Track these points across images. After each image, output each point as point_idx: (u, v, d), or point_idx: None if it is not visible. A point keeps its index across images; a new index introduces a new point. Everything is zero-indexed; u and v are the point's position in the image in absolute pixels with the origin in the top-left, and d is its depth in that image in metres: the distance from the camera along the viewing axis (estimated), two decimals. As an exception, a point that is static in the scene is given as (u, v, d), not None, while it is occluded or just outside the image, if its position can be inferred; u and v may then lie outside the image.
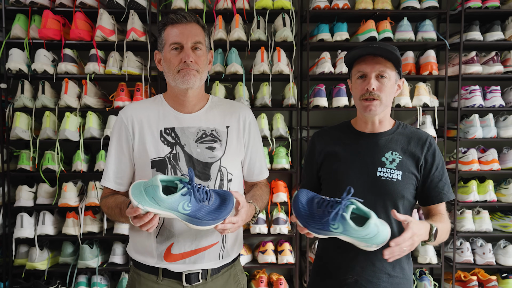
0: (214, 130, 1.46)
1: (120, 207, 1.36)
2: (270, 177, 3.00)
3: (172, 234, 1.40)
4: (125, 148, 1.45)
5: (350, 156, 1.46)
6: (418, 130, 1.50)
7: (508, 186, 2.88)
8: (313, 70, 2.93)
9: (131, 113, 1.46)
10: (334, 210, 1.19)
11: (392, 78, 1.41)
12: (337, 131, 1.55)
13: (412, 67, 2.88)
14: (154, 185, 1.15)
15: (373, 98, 1.39)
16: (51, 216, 2.74)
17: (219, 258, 1.45)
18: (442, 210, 1.47)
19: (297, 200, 1.27)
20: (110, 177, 1.46)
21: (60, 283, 2.75)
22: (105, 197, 1.47)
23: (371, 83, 1.38)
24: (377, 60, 1.39)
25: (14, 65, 2.68)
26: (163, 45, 1.44)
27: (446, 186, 1.45)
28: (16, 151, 2.82)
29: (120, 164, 1.46)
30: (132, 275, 1.50)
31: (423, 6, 2.84)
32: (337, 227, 1.20)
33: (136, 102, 1.53)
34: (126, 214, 1.22)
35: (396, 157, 1.43)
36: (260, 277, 2.83)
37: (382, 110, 1.43)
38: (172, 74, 1.41)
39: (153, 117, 1.45)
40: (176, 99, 1.47)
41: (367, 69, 1.40)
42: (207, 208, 1.22)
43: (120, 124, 1.46)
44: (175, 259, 1.41)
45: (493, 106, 2.90)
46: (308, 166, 1.57)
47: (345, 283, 1.43)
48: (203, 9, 2.76)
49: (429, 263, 2.85)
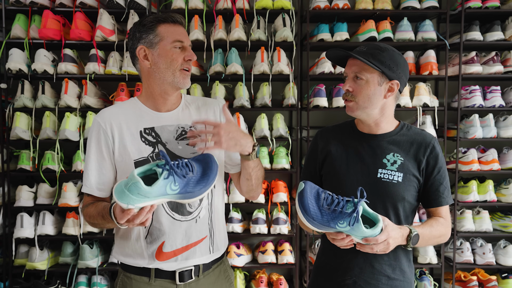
0: (192, 126, 1.47)
1: (102, 214, 1.33)
2: (270, 177, 3.04)
3: (162, 232, 1.40)
4: (105, 152, 1.42)
5: (352, 156, 1.46)
6: (422, 132, 1.48)
7: (508, 186, 2.88)
8: (313, 70, 2.93)
9: (109, 117, 1.43)
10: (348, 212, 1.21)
11: (371, 80, 1.38)
12: (340, 130, 1.55)
13: (412, 67, 2.88)
14: (134, 182, 1.13)
15: (350, 99, 1.42)
16: (51, 216, 2.74)
17: (210, 252, 1.47)
18: (442, 213, 1.46)
19: (304, 193, 1.27)
20: (92, 183, 1.42)
21: (60, 283, 2.75)
22: (85, 207, 1.43)
23: (345, 84, 1.42)
24: (355, 62, 1.40)
25: (14, 65, 2.68)
26: (157, 41, 1.40)
27: (446, 191, 1.45)
28: (16, 151, 2.82)
29: (102, 169, 1.42)
30: (122, 279, 1.47)
31: (423, 6, 2.84)
32: (344, 226, 1.21)
33: (111, 106, 1.50)
34: (119, 221, 1.20)
35: (398, 159, 1.42)
36: (260, 277, 2.83)
37: (361, 113, 1.42)
38: (172, 72, 1.40)
39: (131, 119, 1.44)
40: (158, 98, 1.45)
41: (346, 70, 1.44)
42: (194, 179, 1.21)
43: (98, 128, 1.42)
44: (168, 257, 1.41)
45: (493, 106, 2.90)
46: (310, 164, 1.57)
47: (344, 284, 1.43)
48: (203, 9, 2.76)
49: (429, 263, 2.85)
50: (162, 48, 1.40)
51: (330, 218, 1.22)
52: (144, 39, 1.41)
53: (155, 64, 1.41)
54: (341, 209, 1.22)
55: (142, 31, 1.42)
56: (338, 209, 1.22)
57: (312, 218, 1.24)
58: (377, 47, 1.40)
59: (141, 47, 1.42)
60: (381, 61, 1.37)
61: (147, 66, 1.42)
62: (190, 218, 1.42)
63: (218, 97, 2.76)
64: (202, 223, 1.45)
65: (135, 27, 1.44)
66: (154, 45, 1.41)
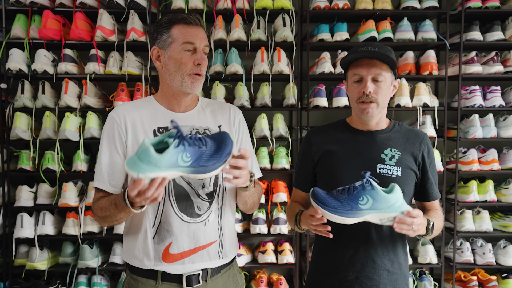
0: (207, 129, 1.46)
1: (115, 202, 1.29)
2: (270, 177, 3.03)
3: (170, 233, 1.38)
4: (119, 147, 1.40)
5: (349, 153, 1.47)
6: (414, 128, 1.54)
7: (508, 186, 2.88)
8: (313, 70, 2.93)
9: (123, 113, 1.42)
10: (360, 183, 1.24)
11: (388, 80, 1.42)
12: (333, 129, 1.56)
13: (412, 67, 2.88)
14: (144, 149, 1.09)
15: (370, 101, 1.41)
16: (51, 216, 2.74)
17: (219, 258, 1.44)
18: (437, 206, 1.53)
19: (317, 193, 1.29)
20: (105, 178, 1.40)
21: (60, 283, 2.75)
22: (97, 201, 1.40)
23: (367, 86, 1.40)
24: (373, 63, 1.40)
25: (14, 65, 2.68)
26: (169, 43, 1.39)
27: (437, 185, 1.53)
28: (16, 151, 2.82)
29: (114, 164, 1.40)
30: (129, 281, 1.46)
31: (423, 6, 2.84)
32: (366, 202, 1.23)
33: (127, 103, 1.50)
34: (129, 193, 1.15)
35: (395, 154, 1.45)
36: (260, 277, 2.83)
37: (378, 112, 1.44)
38: (181, 76, 1.38)
39: (145, 117, 1.43)
40: (172, 99, 1.45)
41: (363, 72, 1.41)
42: (208, 153, 1.17)
43: (112, 123, 1.41)
44: (174, 259, 1.39)
45: (493, 106, 2.90)
46: (303, 164, 1.57)
47: (345, 280, 1.44)
48: (203, 9, 2.76)
49: (429, 263, 2.86)
50: (173, 50, 1.38)
51: (350, 201, 1.24)
52: (159, 40, 1.40)
53: (165, 66, 1.40)
54: (355, 190, 1.24)
55: (157, 31, 1.41)
56: (353, 191, 1.24)
57: (334, 208, 1.25)
58: (384, 47, 1.42)
59: (155, 47, 1.42)
60: (393, 61, 1.41)
61: (160, 67, 1.42)
62: (199, 221, 1.40)
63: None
64: (212, 227, 1.42)
65: (153, 27, 1.44)
66: (166, 46, 1.39)
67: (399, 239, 1.47)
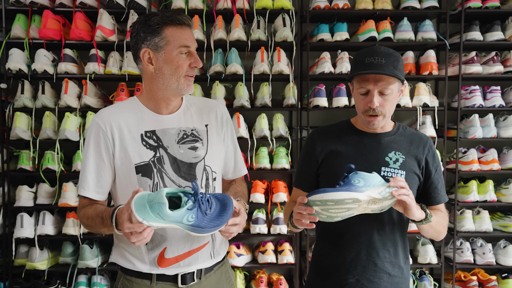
0: (194, 129, 1.44)
1: (101, 217, 1.29)
2: (270, 177, 3.04)
3: (164, 238, 1.38)
4: (104, 155, 1.37)
5: (353, 154, 1.46)
6: (417, 132, 1.53)
7: (508, 186, 2.88)
8: (313, 70, 2.93)
9: (108, 118, 1.38)
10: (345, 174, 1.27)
11: (395, 90, 1.40)
12: (337, 130, 1.54)
13: (412, 67, 2.88)
14: (160, 202, 1.12)
15: (376, 114, 1.39)
16: (51, 216, 2.74)
17: (211, 258, 1.46)
18: (441, 208, 1.51)
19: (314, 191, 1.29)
20: (90, 186, 1.37)
21: (60, 283, 2.75)
22: (83, 208, 1.38)
23: (373, 102, 1.37)
24: (380, 77, 1.36)
25: (14, 65, 2.68)
26: (162, 46, 1.34)
27: (443, 189, 1.50)
28: (16, 151, 2.82)
29: (100, 172, 1.38)
30: (123, 282, 1.44)
31: (423, 6, 2.84)
32: (359, 181, 1.23)
33: (110, 106, 1.45)
34: (122, 229, 1.16)
35: (400, 157, 1.44)
36: (260, 277, 2.83)
37: (384, 122, 1.44)
38: (177, 79, 1.36)
39: (131, 121, 1.39)
40: (161, 101, 1.41)
41: (369, 86, 1.37)
42: (209, 216, 1.21)
43: (97, 130, 1.37)
44: (169, 263, 1.39)
45: (493, 106, 2.90)
46: (306, 164, 1.55)
47: (346, 283, 1.44)
48: (203, 9, 2.76)
49: (429, 263, 2.85)
50: (168, 53, 1.34)
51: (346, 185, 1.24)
52: (149, 41, 1.34)
53: (159, 70, 1.36)
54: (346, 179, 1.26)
55: (147, 32, 1.34)
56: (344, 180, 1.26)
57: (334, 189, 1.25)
58: (392, 56, 1.37)
59: (146, 49, 1.35)
60: (400, 70, 1.38)
61: (151, 70, 1.37)
62: None
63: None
64: None
65: (139, 25, 1.36)
66: (159, 49, 1.34)
67: (400, 243, 1.46)
